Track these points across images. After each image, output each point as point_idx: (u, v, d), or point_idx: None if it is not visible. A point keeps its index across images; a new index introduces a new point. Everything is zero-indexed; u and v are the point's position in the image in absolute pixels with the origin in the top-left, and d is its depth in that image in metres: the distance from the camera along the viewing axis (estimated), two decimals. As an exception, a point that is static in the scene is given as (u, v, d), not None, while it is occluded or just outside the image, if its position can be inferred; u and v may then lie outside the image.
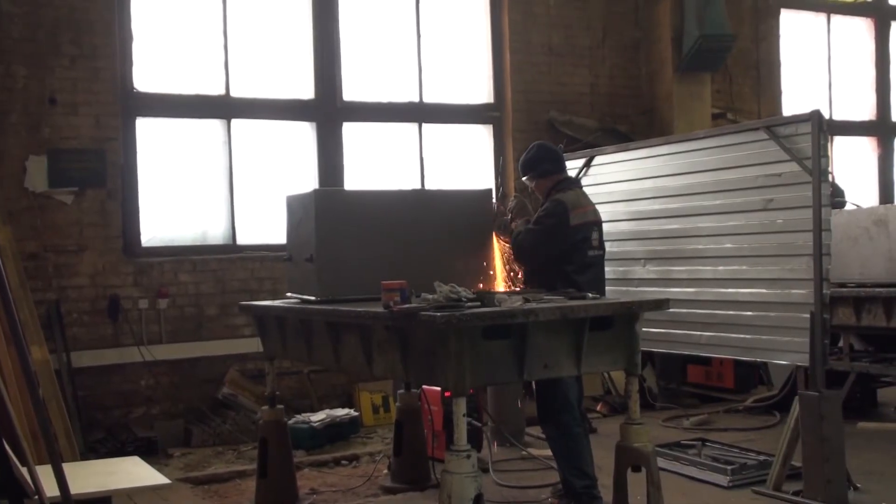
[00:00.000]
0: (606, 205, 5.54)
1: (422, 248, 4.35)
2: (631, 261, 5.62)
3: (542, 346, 3.50)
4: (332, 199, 4.35)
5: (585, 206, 4.59)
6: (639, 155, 5.73)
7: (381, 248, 4.28)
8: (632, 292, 5.48)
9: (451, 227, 4.43)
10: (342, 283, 4.23)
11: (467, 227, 4.46)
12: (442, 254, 4.37)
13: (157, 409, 6.61)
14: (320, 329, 4.18)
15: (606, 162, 5.92)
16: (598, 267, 4.59)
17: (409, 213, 4.37)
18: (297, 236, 4.51)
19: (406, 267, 4.18)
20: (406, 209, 4.38)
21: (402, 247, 4.31)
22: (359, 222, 4.27)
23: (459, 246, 4.43)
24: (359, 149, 7.55)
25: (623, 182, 5.77)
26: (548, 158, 4.69)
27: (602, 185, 5.86)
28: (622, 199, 5.74)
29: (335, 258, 4.22)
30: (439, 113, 7.87)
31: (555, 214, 4.46)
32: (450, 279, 3.72)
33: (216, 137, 7.10)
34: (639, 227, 5.63)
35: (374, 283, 3.79)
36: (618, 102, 8.50)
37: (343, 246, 4.24)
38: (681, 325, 5.30)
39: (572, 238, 4.46)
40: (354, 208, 4.30)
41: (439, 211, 4.43)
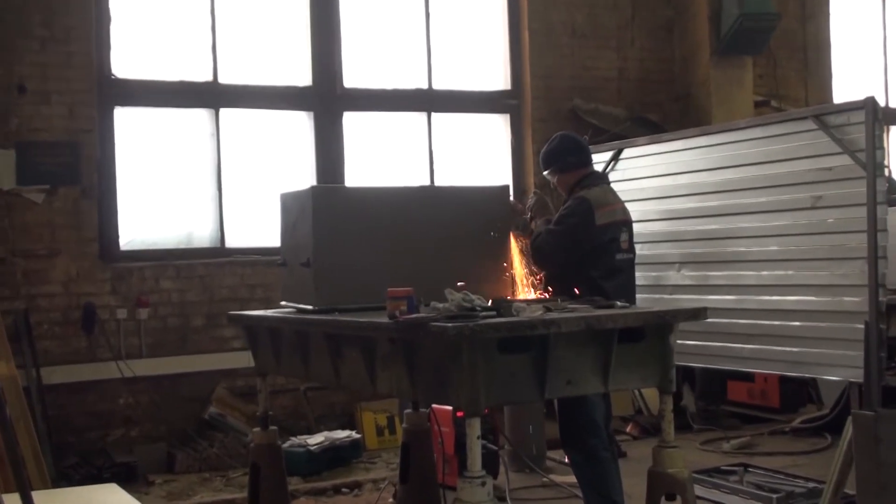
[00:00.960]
0: (637, 203, 5.52)
1: (431, 252, 4.35)
2: (664, 265, 5.60)
3: (565, 360, 3.50)
4: (331, 197, 4.32)
5: (613, 204, 4.60)
6: (672, 147, 5.71)
7: (386, 252, 4.28)
8: (665, 300, 5.46)
9: (464, 228, 4.42)
10: (342, 291, 4.22)
11: (482, 228, 4.45)
12: (454, 258, 4.36)
13: (137, 432, 6.63)
14: (318, 342, 4.18)
15: (636, 155, 5.90)
16: (628, 272, 4.60)
17: (418, 212, 4.37)
18: (293, 238, 4.50)
19: (414, 272, 4.17)
20: (414, 208, 4.39)
21: (410, 250, 4.31)
22: (361, 223, 4.27)
23: (473, 249, 4.41)
24: (361, 141, 7.56)
25: (655, 177, 5.76)
26: (571, 150, 4.72)
27: (632, 181, 5.85)
28: (654, 197, 5.73)
29: (335, 263, 4.22)
30: (450, 101, 7.88)
31: (578, 213, 4.48)
32: (462, 286, 3.73)
33: (203, 129, 7.12)
34: (673, 227, 5.62)
35: (378, 291, 3.78)
36: (648, 89, 8.49)
37: (343, 249, 4.24)
38: (720, 337, 5.28)
39: (598, 239, 4.48)
40: (356, 207, 4.31)
41: (451, 210, 4.44)
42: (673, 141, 5.73)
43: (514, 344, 3.38)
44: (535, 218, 4.61)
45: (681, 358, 4.87)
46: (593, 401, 4.43)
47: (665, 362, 3.73)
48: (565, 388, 3.51)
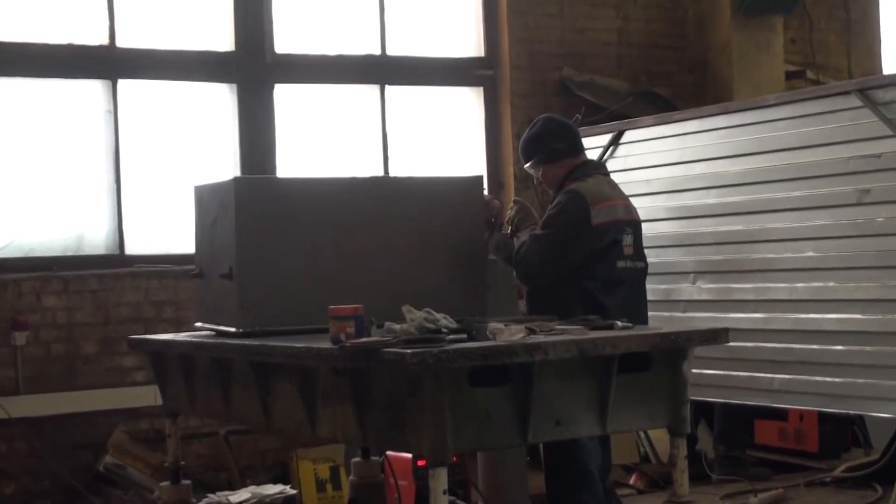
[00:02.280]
0: (642, 198, 5.57)
1: (386, 260, 4.38)
2: (676, 276, 5.67)
3: (553, 395, 3.52)
4: (259, 191, 4.37)
5: (613, 199, 4.64)
6: (685, 129, 5.78)
7: (329, 260, 4.31)
8: (677, 319, 5.52)
9: (427, 230, 4.46)
10: (274, 309, 4.24)
11: (449, 229, 4.50)
12: (414, 267, 4.41)
13: (12, 488, 6.54)
14: (243, 373, 4.19)
15: (641, 139, 5.97)
16: (633, 284, 4.64)
17: (369, 209, 4.40)
18: (211, 243, 4.52)
19: (364, 286, 4.21)
20: (364, 204, 4.41)
21: (359, 258, 4.35)
22: (297, 223, 4.29)
23: (439, 255, 4.46)
24: (297, 121, 7.52)
25: (664, 166, 5.82)
26: (559, 135, 4.75)
27: (635, 171, 5.90)
28: (663, 191, 5.78)
29: (264, 273, 4.24)
30: (409, 71, 7.87)
31: (570, 211, 4.51)
32: (425, 302, 3.73)
33: (96, 105, 7.05)
34: (686, 228, 5.67)
35: (320, 309, 3.81)
36: (656, 56, 8.53)
37: (275, 256, 4.26)
38: (745, 364, 5.32)
39: (596, 243, 4.51)
40: (291, 203, 4.31)
41: (411, 207, 4.46)
42: (686, 121, 5.80)
43: (489, 375, 3.39)
44: (519, 232, 4.68)
45: (697, 391, 4.90)
46: (588, 446, 4.44)
47: (677, 397, 3.75)
48: (553, 431, 3.52)
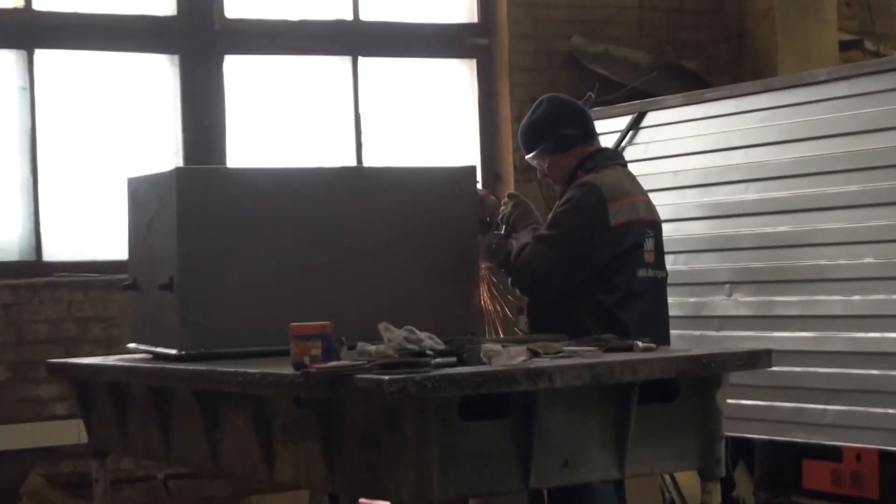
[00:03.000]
0: (666, 193, 5.59)
1: (359, 267, 4.41)
2: (708, 286, 5.68)
3: (561, 430, 3.54)
4: (206, 184, 4.37)
5: (633, 195, 4.69)
6: (720, 110, 5.78)
7: (291, 267, 4.33)
8: (710, 339, 5.54)
9: (408, 231, 4.49)
10: (223, 327, 4.27)
11: (436, 231, 4.53)
12: (393, 275, 4.44)
13: None
14: (186, 404, 4.19)
15: (666, 122, 5.97)
16: (655, 296, 4.70)
17: (339, 205, 4.42)
18: (147, 248, 4.53)
19: (333, 298, 4.25)
20: (333, 200, 4.42)
21: (327, 264, 4.37)
22: (253, 222, 4.31)
23: (423, 262, 4.50)
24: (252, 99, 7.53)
25: (694, 156, 5.83)
26: (567, 119, 4.80)
27: (659, 161, 5.91)
28: (693, 185, 5.79)
29: (212, 284, 4.26)
30: (387, 40, 7.83)
31: (585, 208, 4.56)
32: (407, 318, 3.76)
33: (10, 80, 7.05)
34: (721, 229, 5.68)
35: (280, 327, 3.84)
36: (684, 22, 8.53)
37: (226, 263, 4.28)
38: (791, 394, 5.32)
39: (614, 247, 4.57)
40: (245, 199, 4.34)
41: (389, 202, 4.49)
42: (720, 101, 5.80)
43: (484, 406, 3.41)
44: (517, 231, 4.73)
45: (733, 426, 4.89)
46: (602, 491, 4.45)
47: (710, 433, 3.78)
48: (561, 474, 3.54)
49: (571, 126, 4.78)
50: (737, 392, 5.17)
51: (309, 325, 3.65)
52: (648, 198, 4.77)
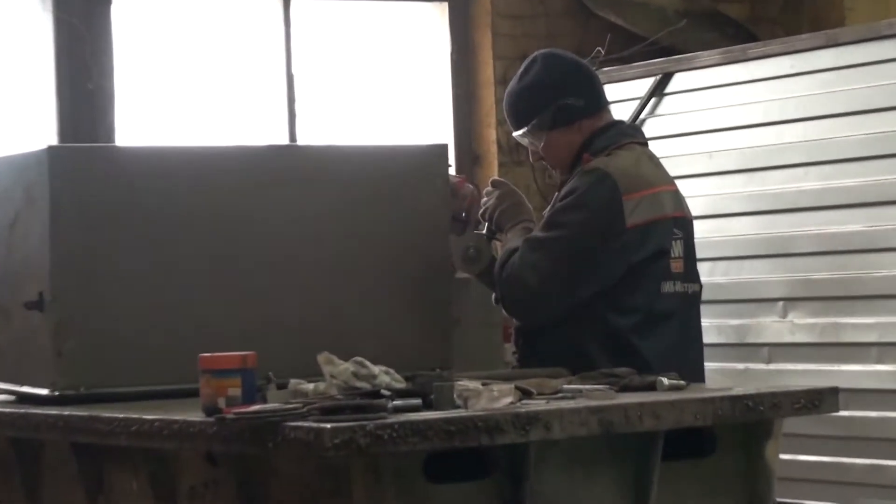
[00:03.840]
0: (700, 181, 5.63)
1: (293, 278, 4.42)
2: (756, 304, 5.71)
3: (560, 495, 3.54)
4: (88, 169, 4.34)
5: (657, 185, 4.70)
6: (770, 70, 5.83)
7: (202, 279, 4.34)
8: (757, 374, 5.56)
9: (358, 230, 4.51)
10: (110, 358, 4.24)
11: (395, 230, 4.55)
12: (339, 289, 4.46)
13: None
14: (61, 460, 4.16)
15: (700, 86, 6.02)
16: (684, 318, 4.72)
17: (266, 196, 4.44)
18: (9, 255, 4.50)
19: (257, 319, 4.29)
20: (260, 188, 4.45)
21: (250, 274, 4.38)
22: (150, 220, 4.31)
23: (377, 271, 4.52)
24: (148, 52, 7.60)
25: (736, 131, 5.88)
26: (569, 84, 4.82)
27: (690, 139, 5.96)
28: (735, 169, 5.84)
29: (95, 302, 4.25)
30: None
31: (593, 203, 4.57)
32: (356, 347, 3.81)
33: None
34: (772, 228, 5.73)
35: (186, 358, 3.83)
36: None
37: (113, 274, 4.26)
38: (865, 446, 5.31)
39: (631, 254, 4.57)
40: (141, 188, 4.32)
41: (332, 192, 4.51)
42: (771, 58, 5.85)
43: (458, 464, 3.41)
44: (502, 233, 4.76)
45: (788, 489, 4.89)
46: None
47: (756, 498, 3.79)
48: (560, 557, 3.50)
49: (574, 93, 4.77)
50: (793, 445, 5.21)
51: (225, 356, 3.62)
52: (677, 188, 4.76)
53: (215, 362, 3.61)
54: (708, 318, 4.95)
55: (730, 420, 3.72)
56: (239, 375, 3.58)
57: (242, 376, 3.58)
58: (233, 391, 3.55)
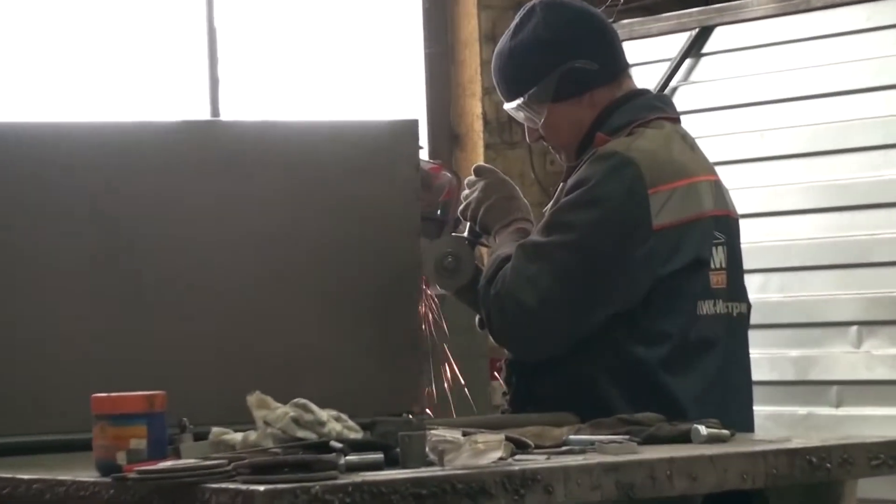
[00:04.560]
0: (749, 168, 5.69)
1: (213, 294, 4.46)
2: (822, 329, 5.75)
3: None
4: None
5: (693, 174, 4.67)
6: (837, 25, 5.88)
7: (92, 295, 4.34)
8: (824, 420, 5.60)
9: (301, 230, 4.56)
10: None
11: (350, 231, 4.60)
12: (274, 309, 4.51)
13: None
14: None
15: (747, 45, 6.07)
16: (730, 346, 4.70)
17: (181, 187, 4.47)
18: None
19: (165, 348, 4.31)
20: (169, 178, 4.47)
21: (157, 288, 4.41)
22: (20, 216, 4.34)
23: (327, 286, 4.57)
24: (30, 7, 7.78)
25: (795, 102, 5.89)
26: (577, 42, 4.80)
27: (735, 113, 5.98)
28: (794, 153, 5.86)
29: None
30: None
31: (608, 199, 4.55)
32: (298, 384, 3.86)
33: None
34: (842, 231, 5.77)
35: (72, 401, 3.87)
36: None
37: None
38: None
39: (658, 265, 4.55)
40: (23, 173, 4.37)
41: (267, 182, 4.56)
42: (840, 7, 5.89)
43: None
44: (490, 235, 4.82)
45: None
46: None
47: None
48: None
49: (584, 53, 4.74)
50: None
51: (126, 396, 3.57)
52: (718, 177, 4.74)
53: (113, 405, 3.57)
54: (759, 348, 4.92)
55: (787, 481, 3.73)
56: (144, 422, 3.55)
57: (149, 423, 3.55)
58: (136, 443, 3.52)
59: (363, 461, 3.43)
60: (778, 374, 5.68)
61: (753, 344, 4.78)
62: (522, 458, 3.52)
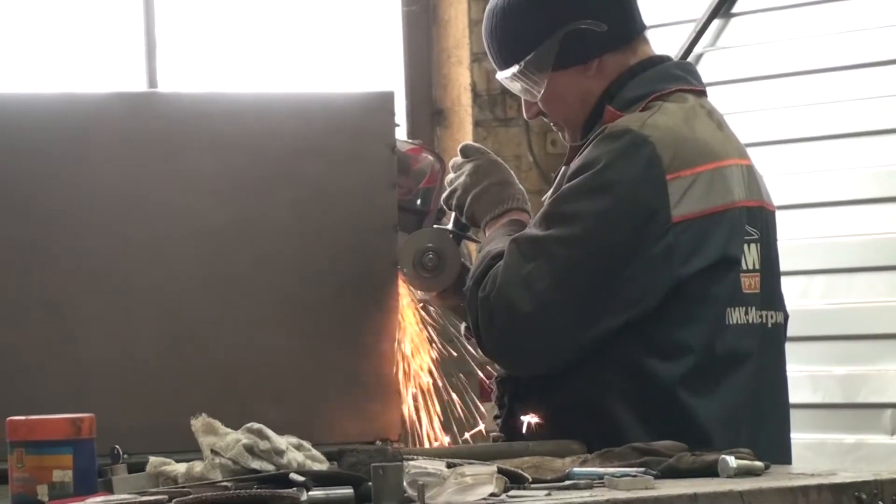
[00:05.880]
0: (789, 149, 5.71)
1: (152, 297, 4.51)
2: (873, 341, 5.76)
3: None
4: None
5: (720, 156, 4.72)
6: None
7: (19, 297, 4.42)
8: (876, 450, 5.63)
9: (255, 223, 4.62)
10: None
11: (315, 223, 4.67)
12: (223, 314, 4.57)
13: None
14: None
15: (785, 4, 6.08)
16: (764, 361, 4.74)
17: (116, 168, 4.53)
18: None
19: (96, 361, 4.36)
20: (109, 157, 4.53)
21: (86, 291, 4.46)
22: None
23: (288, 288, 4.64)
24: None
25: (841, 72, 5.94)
26: None
27: (772, 83, 6.01)
28: (841, 133, 5.87)
29: None
30: None
31: (618, 184, 4.60)
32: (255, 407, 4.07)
33: None
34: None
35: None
36: None
37: None
38: None
39: (678, 263, 4.59)
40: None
41: (221, 162, 4.62)
42: None
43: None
44: (479, 227, 4.90)
45: None
46: None
47: None
48: None
49: (592, 11, 4.77)
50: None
51: (48, 419, 3.61)
52: (751, 162, 4.79)
53: (32, 430, 3.60)
54: (799, 364, 4.92)
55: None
56: (69, 450, 3.57)
57: (75, 451, 3.57)
58: (60, 474, 3.55)
59: (329, 497, 3.47)
60: (821, 395, 5.68)
61: (791, 359, 4.83)
62: (518, 495, 3.54)
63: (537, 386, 4.62)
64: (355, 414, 4.51)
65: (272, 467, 3.56)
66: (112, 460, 3.69)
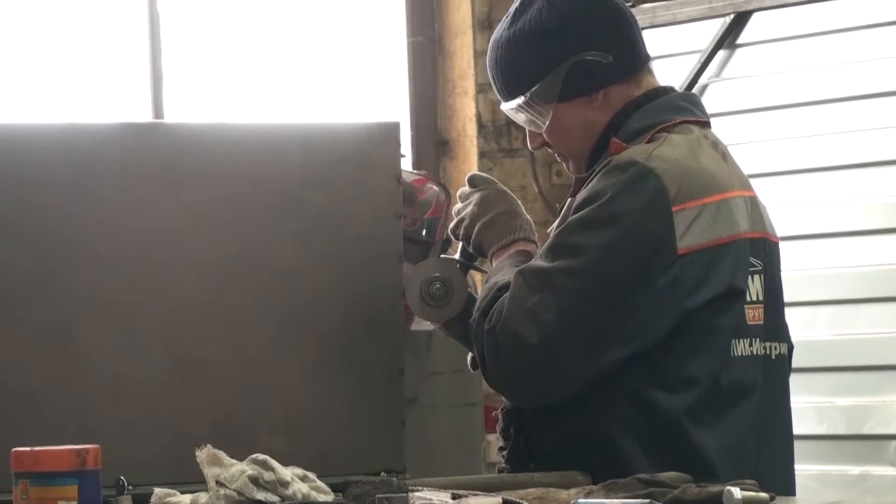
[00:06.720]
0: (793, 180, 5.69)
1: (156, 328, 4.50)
2: (879, 372, 5.78)
3: None
4: None
5: (725, 188, 4.69)
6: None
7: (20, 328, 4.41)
8: (881, 482, 5.59)
9: (258, 255, 4.62)
10: None
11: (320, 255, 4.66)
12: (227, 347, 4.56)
13: None
14: None
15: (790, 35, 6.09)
16: (768, 393, 4.74)
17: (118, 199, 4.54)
18: None
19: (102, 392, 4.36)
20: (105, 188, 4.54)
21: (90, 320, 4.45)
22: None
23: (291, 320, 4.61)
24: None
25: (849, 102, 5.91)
26: (589, 30, 4.84)
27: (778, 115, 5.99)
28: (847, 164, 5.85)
29: None
30: None
31: (623, 216, 4.57)
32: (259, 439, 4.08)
33: None
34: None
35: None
36: None
37: None
38: None
39: (683, 295, 4.56)
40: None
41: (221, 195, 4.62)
42: None
43: None
44: (486, 257, 4.87)
45: None
46: None
47: None
48: None
49: (598, 43, 4.76)
50: None
51: (53, 450, 3.57)
52: (755, 193, 4.77)
53: (37, 461, 3.56)
54: (803, 395, 4.93)
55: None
56: (74, 481, 3.54)
57: (80, 482, 3.55)
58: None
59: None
60: (826, 426, 5.70)
61: (796, 390, 4.81)
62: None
63: (542, 417, 4.60)
64: (360, 445, 4.50)
65: (277, 499, 3.56)
66: (117, 492, 3.68)
